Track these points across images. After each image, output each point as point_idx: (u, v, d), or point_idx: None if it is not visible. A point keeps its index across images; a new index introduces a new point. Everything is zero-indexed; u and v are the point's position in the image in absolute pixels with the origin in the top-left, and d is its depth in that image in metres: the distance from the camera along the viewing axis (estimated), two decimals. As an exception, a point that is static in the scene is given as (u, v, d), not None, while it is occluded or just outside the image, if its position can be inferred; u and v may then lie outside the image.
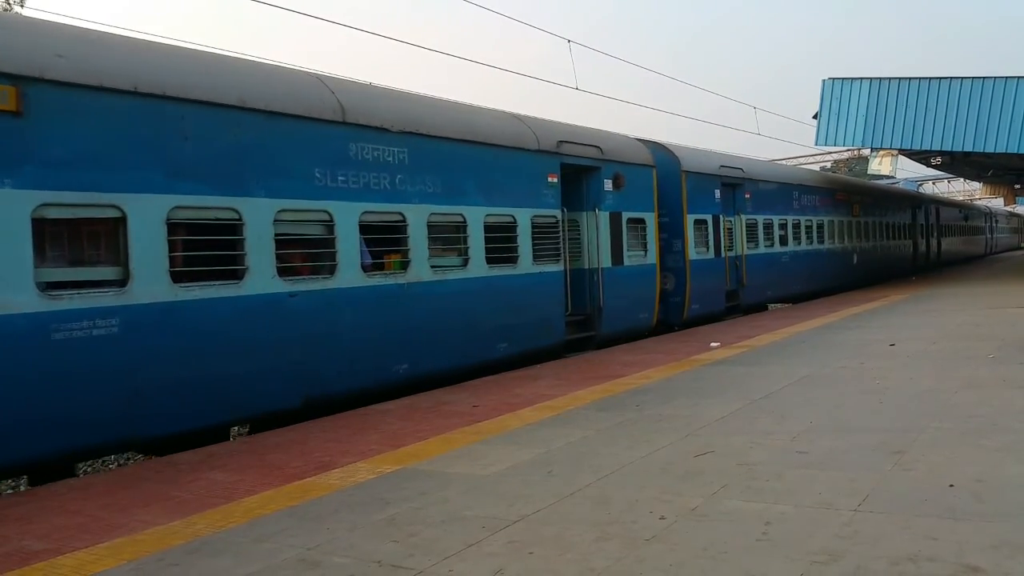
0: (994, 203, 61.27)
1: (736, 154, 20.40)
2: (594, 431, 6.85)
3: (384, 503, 5.12)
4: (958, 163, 31.70)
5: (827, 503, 4.61)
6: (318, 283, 8.61)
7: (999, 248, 65.20)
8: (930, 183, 57.33)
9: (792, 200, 21.83)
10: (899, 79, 20.26)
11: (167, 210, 7.23)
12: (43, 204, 6.41)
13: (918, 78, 20.04)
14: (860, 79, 20.71)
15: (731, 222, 18.31)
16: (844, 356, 10.35)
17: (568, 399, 8.42)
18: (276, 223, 8.17)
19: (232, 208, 7.78)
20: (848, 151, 47.65)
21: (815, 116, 21.51)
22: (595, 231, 13.34)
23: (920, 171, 46.22)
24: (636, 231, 14.54)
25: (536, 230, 11.96)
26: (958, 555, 3.74)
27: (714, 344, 12.44)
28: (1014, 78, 18.97)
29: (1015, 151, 19.36)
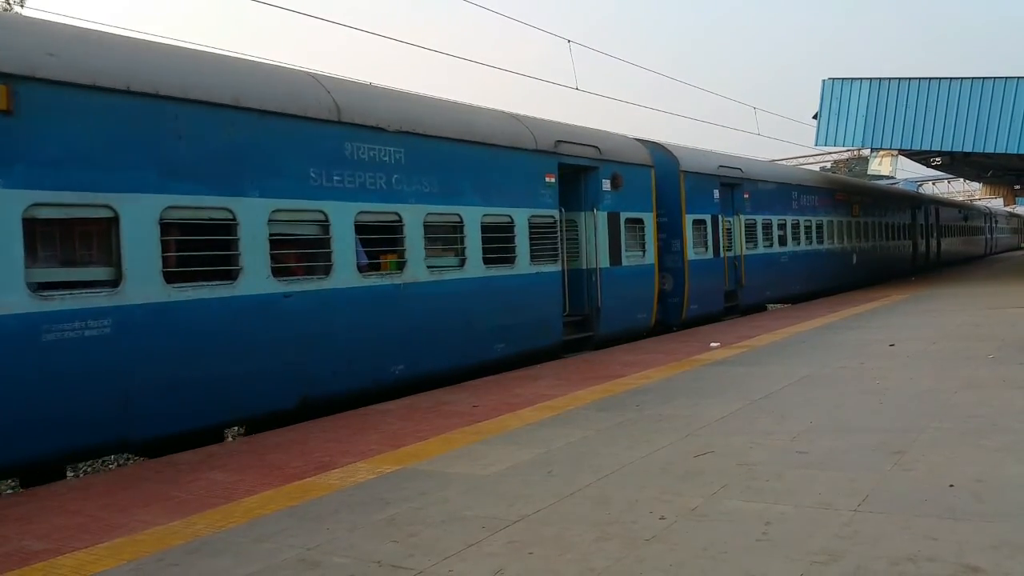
0: (994, 203, 61.34)
1: (736, 154, 20.42)
2: (594, 431, 6.85)
3: (384, 503, 5.12)
4: (958, 163, 31.74)
5: (827, 503, 4.61)
6: (313, 283, 8.58)
7: (999, 248, 65.20)
8: (930, 183, 57.39)
9: (791, 200, 21.83)
10: (899, 79, 20.26)
11: (160, 210, 7.19)
12: (34, 204, 6.36)
13: (918, 78, 20.04)
14: (860, 79, 20.71)
15: (730, 222, 18.30)
16: (844, 356, 10.35)
17: (568, 399, 8.42)
18: (271, 223, 8.14)
19: (226, 208, 7.75)
20: (848, 151, 47.72)
21: (815, 116, 21.51)
22: (593, 231, 13.32)
23: (920, 171, 46.32)
24: (634, 231, 14.53)
25: (534, 230, 11.94)
26: (958, 555, 3.74)
27: (714, 344, 12.44)
28: (1014, 78, 18.97)
29: (1015, 151, 19.36)
